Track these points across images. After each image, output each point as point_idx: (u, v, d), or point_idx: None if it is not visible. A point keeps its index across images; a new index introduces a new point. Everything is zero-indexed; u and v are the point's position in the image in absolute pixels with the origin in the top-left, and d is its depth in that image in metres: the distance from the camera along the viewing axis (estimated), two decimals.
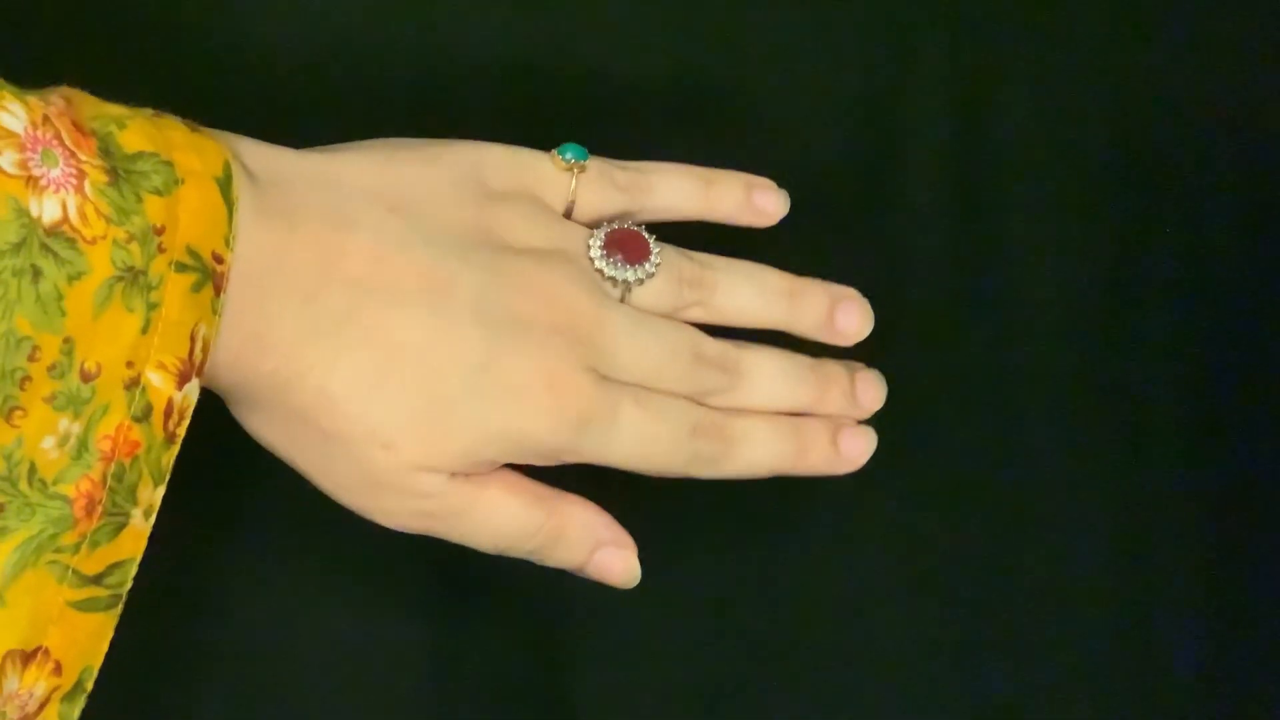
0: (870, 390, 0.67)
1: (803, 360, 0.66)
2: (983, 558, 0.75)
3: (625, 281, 0.63)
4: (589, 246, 0.63)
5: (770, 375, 0.65)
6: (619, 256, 0.63)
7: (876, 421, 0.73)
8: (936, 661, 0.74)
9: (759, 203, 0.67)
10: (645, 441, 0.62)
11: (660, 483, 0.68)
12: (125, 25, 0.69)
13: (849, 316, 0.67)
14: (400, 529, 0.62)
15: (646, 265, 0.63)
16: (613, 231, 0.64)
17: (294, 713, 0.70)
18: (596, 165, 0.65)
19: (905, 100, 0.75)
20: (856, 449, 0.67)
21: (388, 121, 0.67)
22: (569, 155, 0.64)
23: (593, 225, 0.64)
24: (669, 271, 0.64)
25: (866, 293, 0.69)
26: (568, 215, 0.65)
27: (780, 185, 0.69)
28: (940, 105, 0.76)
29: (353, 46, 0.71)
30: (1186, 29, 0.78)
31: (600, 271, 0.63)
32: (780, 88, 0.75)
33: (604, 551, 0.64)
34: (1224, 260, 0.78)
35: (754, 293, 0.66)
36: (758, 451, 0.65)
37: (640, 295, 0.64)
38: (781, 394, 0.65)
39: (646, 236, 0.64)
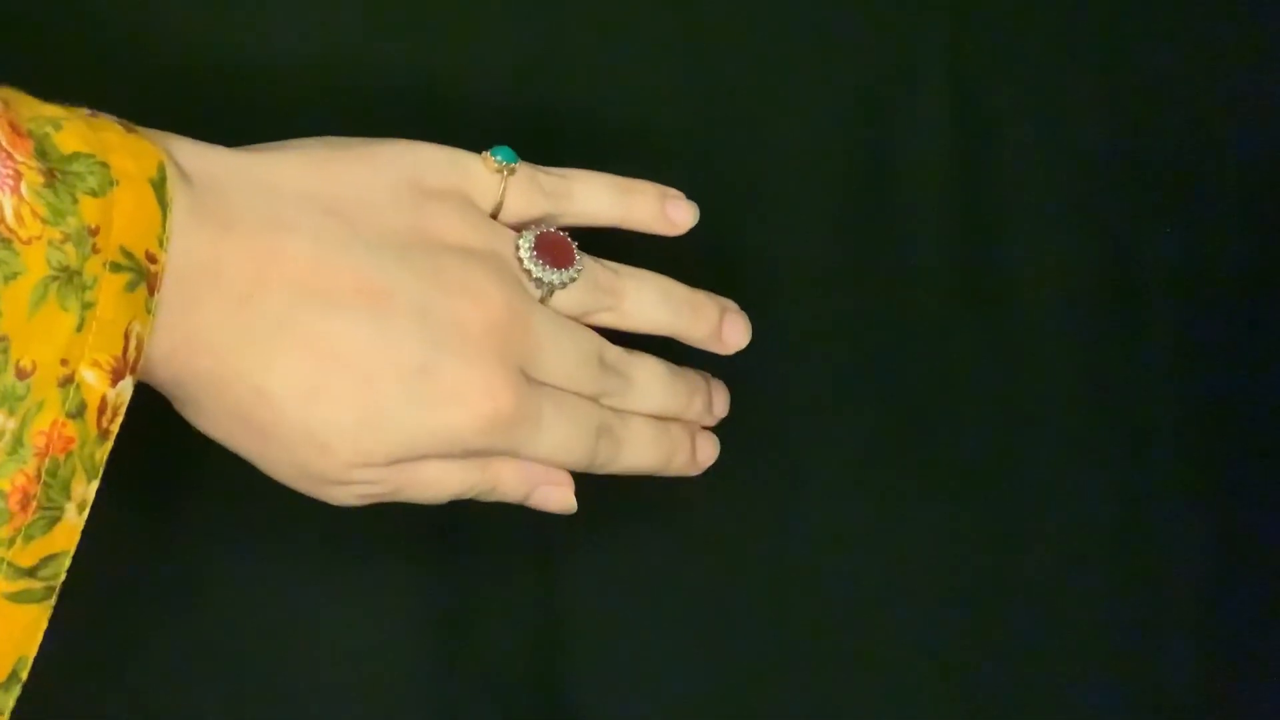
0: (722, 400, 0.70)
1: (675, 369, 0.68)
2: (982, 558, 0.75)
3: (550, 284, 0.64)
4: (518, 248, 0.64)
5: (653, 381, 0.67)
6: (547, 260, 0.64)
7: (876, 420, 0.74)
8: (936, 662, 0.74)
9: (671, 213, 0.68)
10: (561, 443, 0.64)
11: (657, 484, 0.69)
12: (128, 30, 0.70)
13: (734, 329, 0.69)
14: (345, 506, 0.63)
15: (570, 270, 0.64)
16: (542, 235, 0.65)
17: (292, 712, 0.70)
18: (524, 169, 0.65)
19: (905, 102, 0.75)
20: (707, 455, 0.69)
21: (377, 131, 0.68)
22: (500, 157, 0.65)
23: (516, 227, 0.65)
24: (588, 278, 0.65)
25: (867, 293, 0.70)
26: (494, 216, 0.65)
27: (780, 186, 0.70)
28: (940, 107, 0.75)
29: (349, 66, 0.71)
30: (1186, 29, 0.78)
31: (528, 272, 0.64)
32: (780, 89, 0.75)
33: (541, 490, 0.66)
34: (1224, 260, 0.78)
35: (660, 301, 0.67)
36: (640, 454, 0.67)
37: (559, 299, 0.64)
38: (661, 400, 0.67)
39: (571, 243, 0.65)
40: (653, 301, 0.67)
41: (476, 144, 0.66)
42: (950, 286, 0.75)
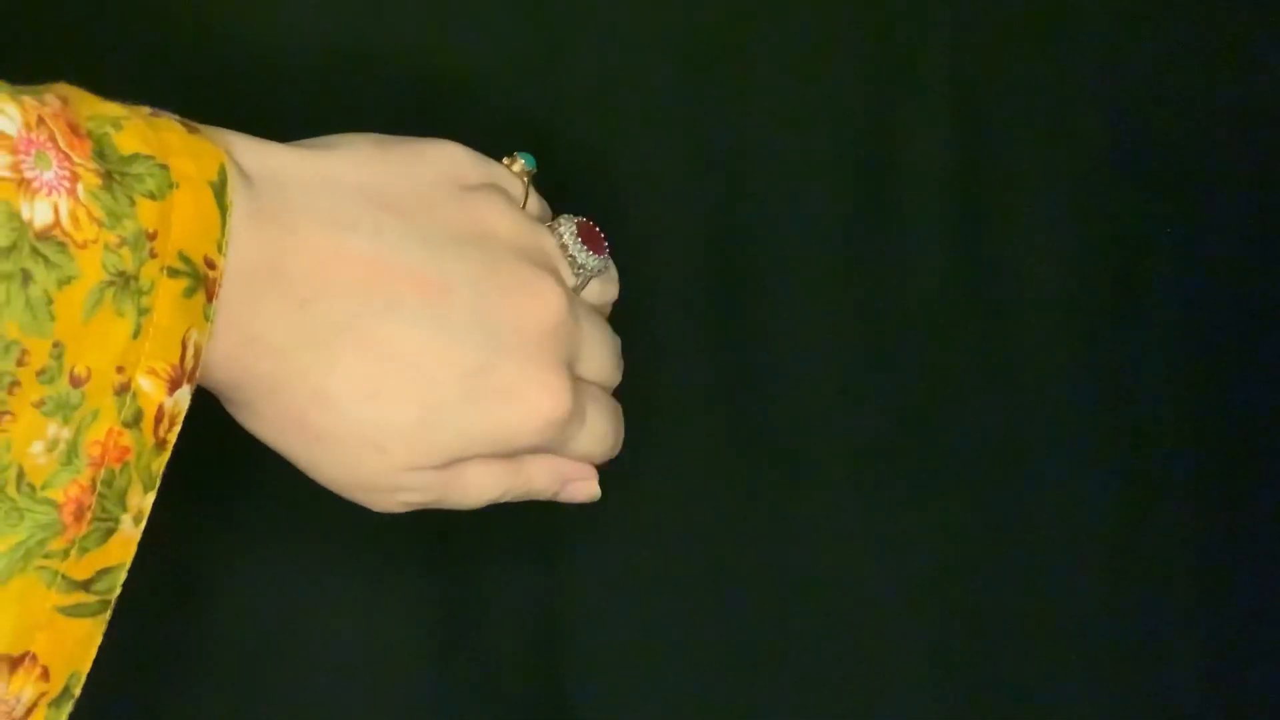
0: None
1: None
2: (982, 557, 0.75)
3: (589, 271, 0.64)
4: (560, 235, 0.64)
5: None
6: (590, 246, 0.64)
7: (875, 421, 0.74)
8: (935, 661, 0.74)
9: None
10: (599, 437, 0.64)
11: (658, 484, 0.68)
12: (131, 21, 0.69)
13: None
14: (388, 512, 0.62)
15: (604, 257, 0.64)
16: (582, 224, 0.64)
17: (292, 712, 0.70)
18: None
19: (905, 102, 0.75)
20: None
21: (370, 108, 0.69)
22: (522, 162, 0.65)
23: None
24: (612, 267, 0.66)
25: (867, 293, 0.69)
26: None
27: (780, 186, 0.69)
28: (940, 107, 0.76)
29: (352, 54, 0.71)
30: (1186, 28, 0.78)
31: (573, 259, 0.63)
32: (780, 90, 0.74)
33: (570, 486, 0.65)
34: (1224, 260, 0.78)
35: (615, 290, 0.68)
36: (618, 437, 0.67)
37: (590, 289, 0.65)
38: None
39: (602, 234, 0.65)
40: (615, 290, 0.67)
41: (477, 138, 0.65)
42: (950, 286, 0.75)
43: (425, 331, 0.59)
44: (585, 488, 0.66)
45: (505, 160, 0.65)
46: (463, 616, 0.71)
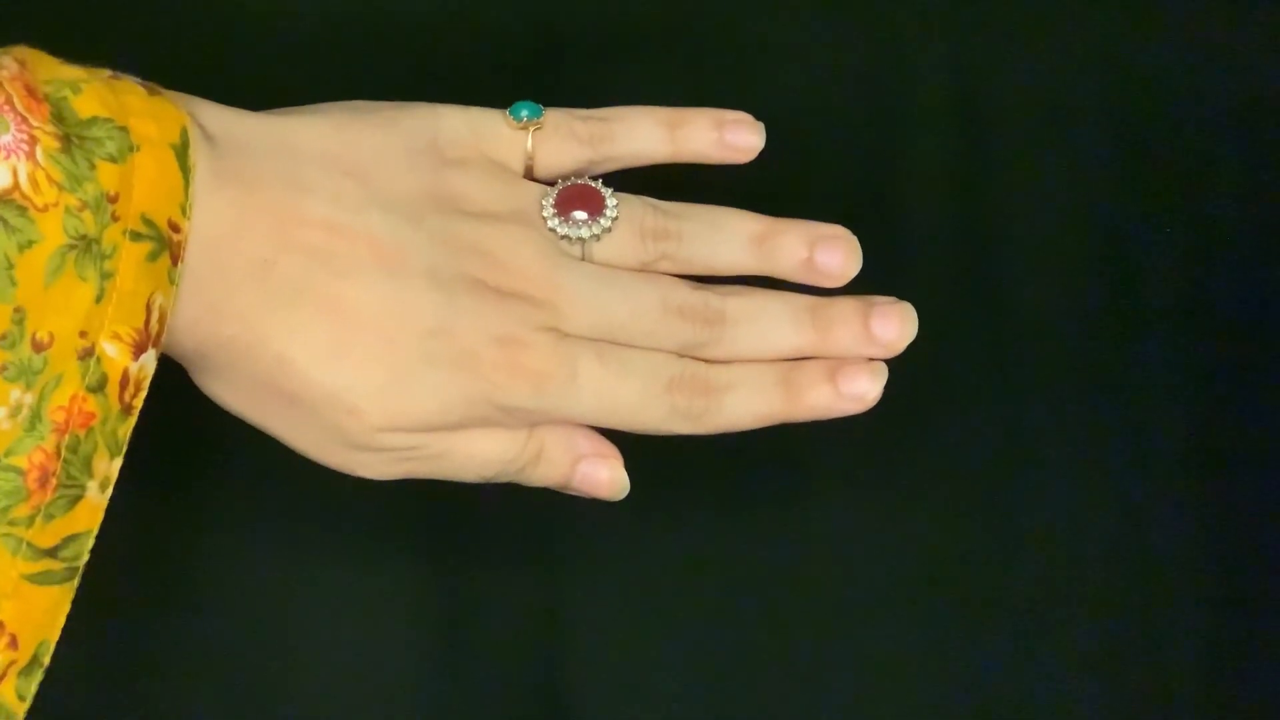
0: (885, 324, 0.65)
1: (800, 301, 0.64)
2: (981, 557, 0.74)
3: (580, 239, 0.63)
4: (542, 207, 0.63)
5: (759, 320, 0.64)
6: (572, 214, 0.63)
7: (875, 421, 0.73)
8: (935, 661, 0.73)
9: (731, 139, 0.66)
10: (609, 396, 0.62)
11: (656, 485, 0.68)
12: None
13: (830, 255, 0.65)
14: (380, 478, 0.62)
15: (601, 220, 0.63)
16: (565, 189, 0.63)
17: (292, 712, 0.70)
18: (554, 119, 0.64)
19: (905, 100, 0.75)
20: (859, 386, 0.64)
21: (374, 68, 0.69)
22: (523, 114, 0.64)
23: (555, 180, 0.64)
24: (629, 225, 0.64)
25: (867, 292, 0.68)
26: (529, 173, 0.64)
27: (779, 185, 0.69)
28: (940, 104, 0.75)
29: (355, 26, 0.71)
30: (1186, 28, 0.78)
31: (554, 231, 0.63)
32: (780, 89, 0.74)
33: (586, 464, 0.64)
34: (1224, 260, 0.77)
35: (720, 240, 0.64)
36: (743, 401, 0.63)
37: (601, 251, 0.63)
38: (775, 339, 0.64)
39: (601, 191, 0.64)
40: (712, 241, 0.65)
41: (471, 73, 0.67)
42: (950, 286, 0.75)
43: (382, 293, 0.59)
44: (604, 470, 0.64)
45: (503, 114, 0.64)
46: (463, 616, 0.70)
